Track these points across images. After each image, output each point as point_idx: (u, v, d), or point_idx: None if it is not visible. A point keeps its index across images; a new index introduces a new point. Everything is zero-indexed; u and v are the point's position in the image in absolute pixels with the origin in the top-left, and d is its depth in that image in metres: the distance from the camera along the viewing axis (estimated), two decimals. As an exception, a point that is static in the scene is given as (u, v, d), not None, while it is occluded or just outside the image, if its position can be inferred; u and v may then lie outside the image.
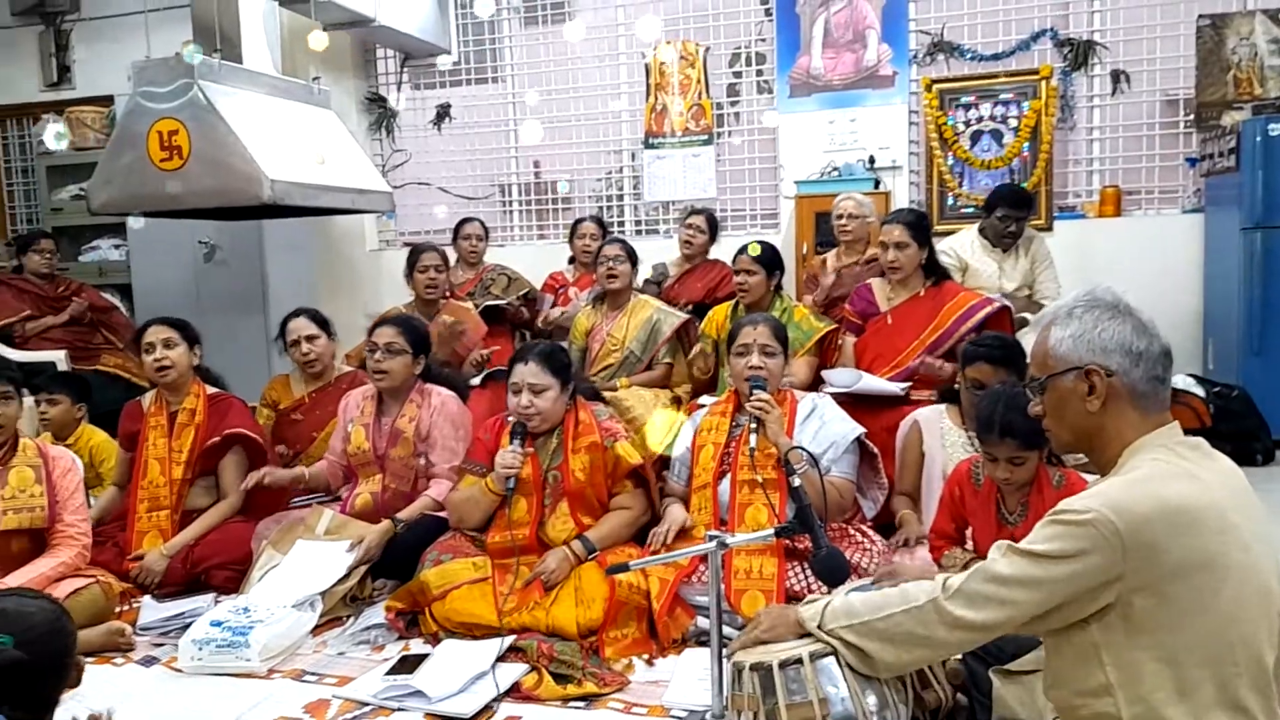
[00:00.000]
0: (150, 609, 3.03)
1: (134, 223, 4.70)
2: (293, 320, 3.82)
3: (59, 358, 4.63)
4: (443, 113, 6.12)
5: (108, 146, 4.30)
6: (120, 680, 2.60)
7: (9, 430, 2.89)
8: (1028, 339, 3.76)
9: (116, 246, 5.81)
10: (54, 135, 5.56)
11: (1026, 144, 5.09)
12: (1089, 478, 2.46)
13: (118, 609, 2.99)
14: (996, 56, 5.16)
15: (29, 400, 3.63)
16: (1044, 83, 5.03)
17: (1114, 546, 1.37)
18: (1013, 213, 4.26)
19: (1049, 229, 5.04)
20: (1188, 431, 1.53)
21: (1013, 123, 5.11)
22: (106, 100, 6.00)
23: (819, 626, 1.70)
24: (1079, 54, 5.05)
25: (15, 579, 2.70)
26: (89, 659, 2.55)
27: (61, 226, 5.85)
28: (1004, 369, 2.82)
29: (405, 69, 6.16)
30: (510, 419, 2.97)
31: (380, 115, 6.16)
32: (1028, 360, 1.75)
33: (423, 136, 6.22)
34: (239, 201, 3.92)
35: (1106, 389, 1.50)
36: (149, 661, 2.73)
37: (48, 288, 5.00)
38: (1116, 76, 5.06)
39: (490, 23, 5.97)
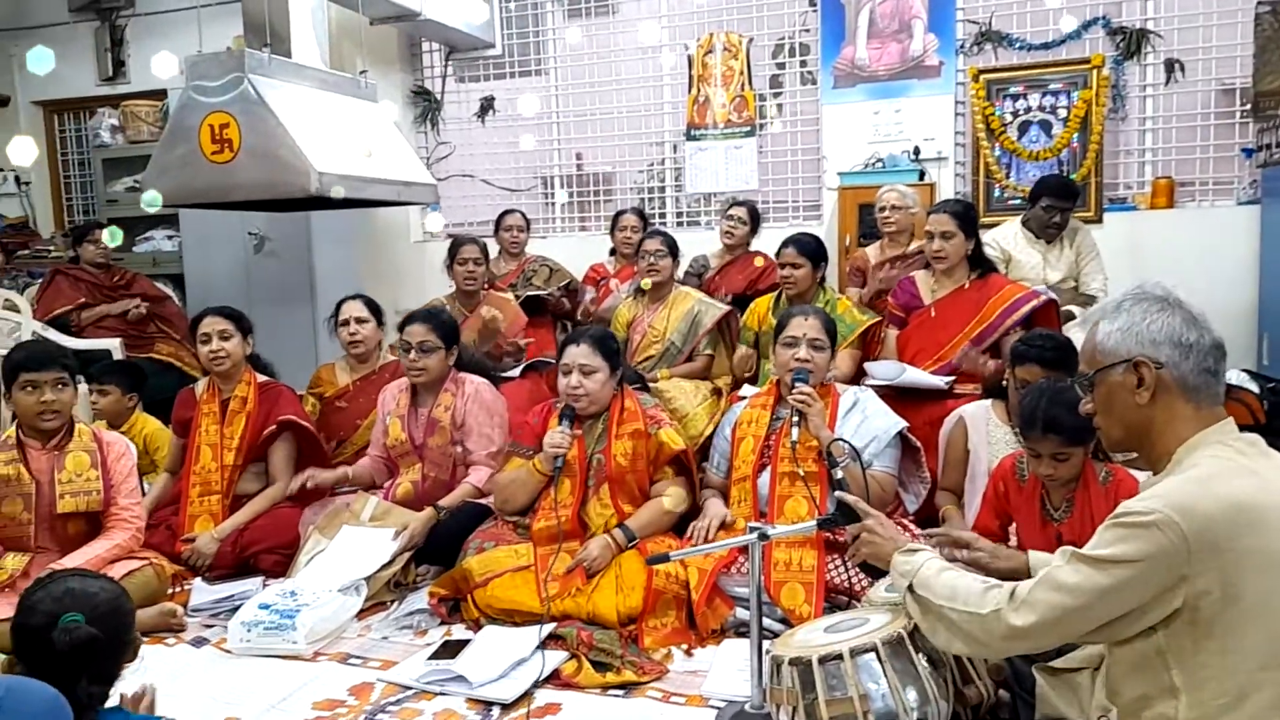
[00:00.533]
0: (201, 591, 3.10)
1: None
2: (347, 302, 3.92)
3: (114, 346, 4.74)
4: (486, 105, 6.16)
5: (161, 139, 4.39)
6: (172, 660, 2.67)
7: (65, 416, 2.98)
8: (1074, 332, 3.73)
9: (170, 237, 5.94)
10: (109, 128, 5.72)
11: (1076, 134, 4.99)
12: (1138, 474, 2.43)
13: (170, 590, 3.08)
14: (1046, 45, 5.07)
15: (83, 388, 3.73)
16: (1095, 72, 4.93)
17: (1179, 548, 1.34)
18: (1058, 203, 4.19)
19: (1099, 221, 4.95)
20: (1242, 428, 1.50)
21: (1062, 113, 5.02)
22: (160, 94, 6.12)
23: (910, 587, 1.69)
24: (1132, 42, 4.93)
25: (72, 560, 2.79)
26: (143, 638, 2.63)
27: (117, 217, 5.99)
28: (1055, 370, 2.76)
29: (450, 62, 6.20)
30: (559, 403, 3.00)
31: (425, 108, 6.21)
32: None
33: (467, 129, 6.27)
34: (287, 193, 3.98)
35: (1156, 381, 1.48)
36: (199, 642, 2.81)
37: (103, 277, 5.12)
38: (1170, 65, 4.94)
39: (534, 15, 5.99)
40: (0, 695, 1.27)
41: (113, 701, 1.75)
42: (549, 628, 2.59)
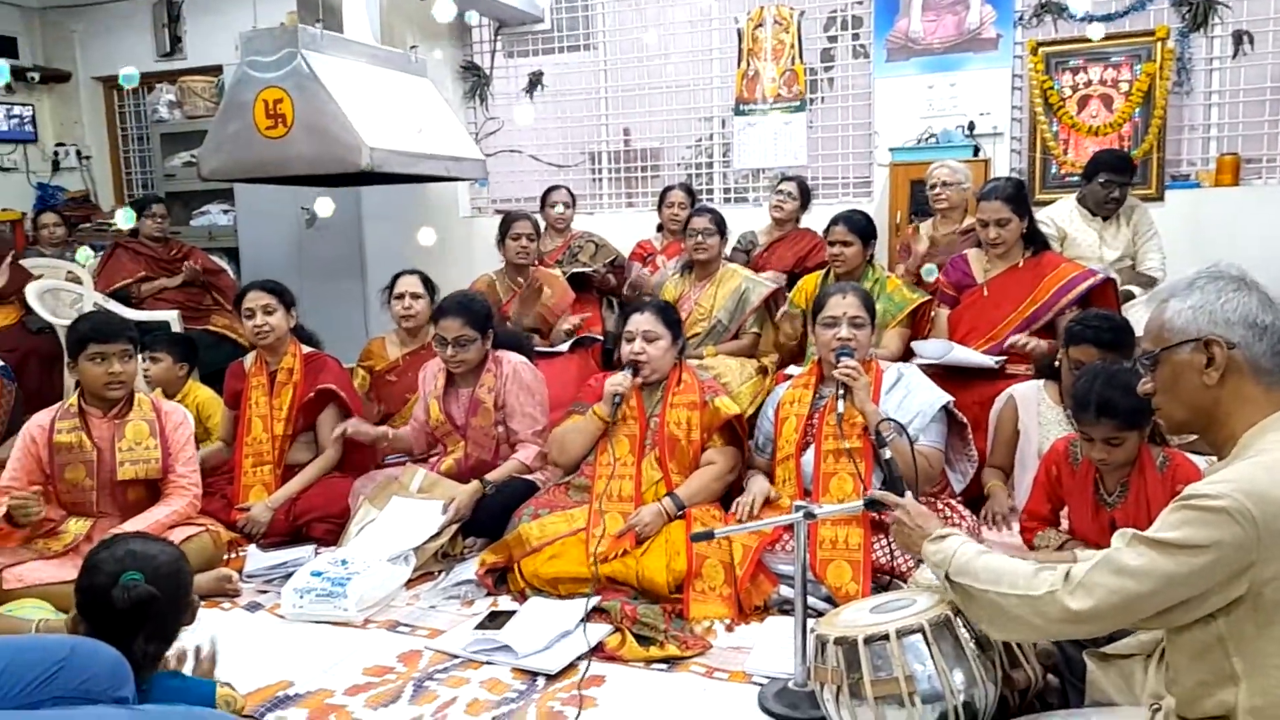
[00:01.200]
0: (255, 558, 3.18)
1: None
2: (404, 276, 3.97)
3: (172, 318, 4.85)
4: (535, 80, 6.15)
5: (216, 115, 4.45)
6: (227, 624, 2.74)
7: (129, 387, 3.06)
8: (1132, 313, 3.65)
9: (225, 211, 6.04)
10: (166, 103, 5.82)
11: (1138, 109, 4.84)
12: (1196, 459, 2.37)
13: (225, 556, 3.16)
14: (1108, 17, 4.91)
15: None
16: (1159, 44, 4.77)
17: (1249, 535, 1.31)
18: (1115, 178, 4.08)
19: (1160, 199, 4.81)
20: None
21: (1124, 87, 4.87)
22: (215, 70, 6.22)
23: (948, 576, 1.65)
24: (1198, 13, 4.76)
25: (132, 525, 2.87)
26: (200, 601, 2.70)
27: (174, 192, 6.11)
28: (1111, 352, 2.70)
29: (499, 37, 6.20)
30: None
31: (474, 83, 6.23)
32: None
33: (515, 104, 6.27)
34: (339, 168, 4.02)
35: (1226, 362, 1.44)
36: (253, 607, 2.88)
37: (161, 250, 5.23)
38: (1239, 37, 4.76)
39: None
40: (66, 653, 1.32)
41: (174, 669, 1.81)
42: (593, 601, 2.62)
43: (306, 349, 3.66)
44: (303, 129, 3.96)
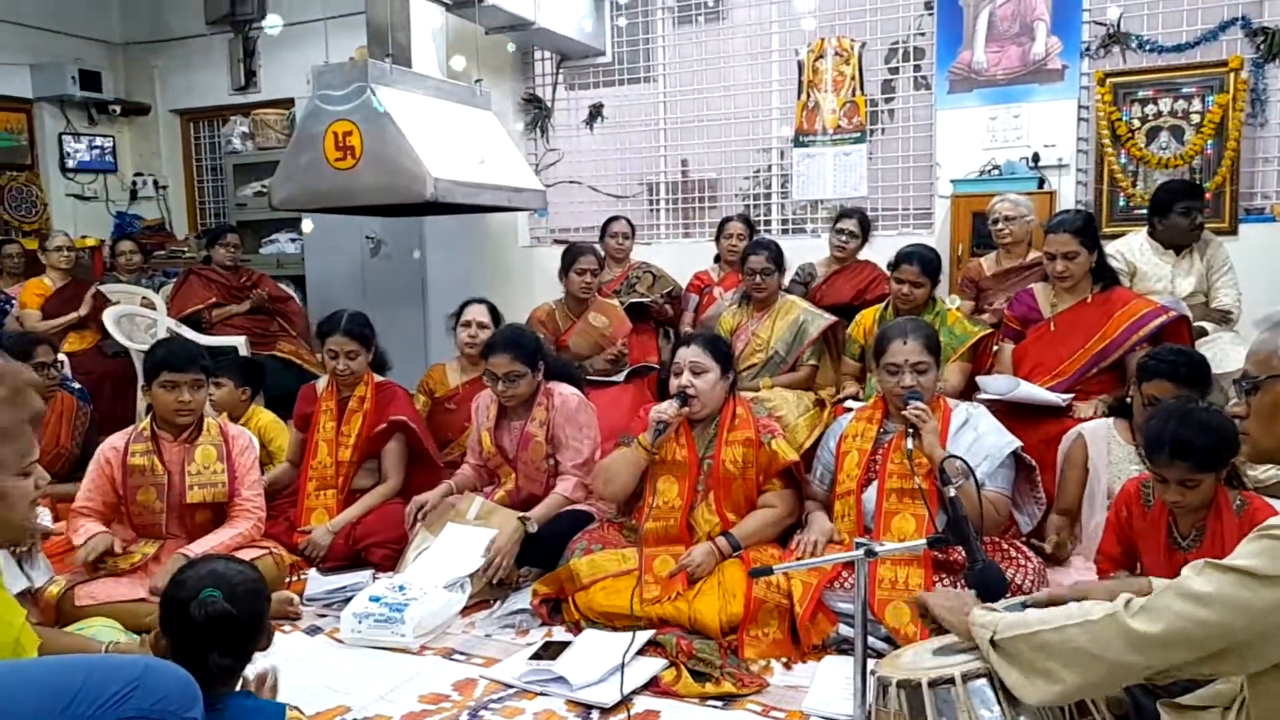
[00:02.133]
0: (315, 581, 3.23)
1: (305, 224, 5.01)
2: (472, 305, 4.02)
3: (240, 343, 4.99)
4: (595, 112, 6.23)
5: (288, 146, 4.58)
6: (287, 646, 2.77)
7: (198, 414, 3.14)
8: (1206, 349, 3.54)
9: (293, 240, 6.20)
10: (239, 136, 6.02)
11: (1210, 141, 4.73)
12: (1275, 503, 2.29)
13: (287, 580, 3.21)
14: (1179, 48, 4.82)
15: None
16: (1232, 75, 4.66)
17: None
18: (1194, 203, 3.99)
19: (1233, 232, 4.67)
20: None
21: (1195, 118, 4.76)
22: (288, 103, 6.42)
23: (992, 639, 1.57)
24: (1273, 44, 4.64)
25: (198, 546, 2.94)
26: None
27: (245, 221, 6.30)
28: (1187, 388, 2.62)
29: (561, 70, 6.30)
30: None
31: (536, 115, 6.33)
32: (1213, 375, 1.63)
33: (575, 136, 6.36)
34: (405, 199, 4.10)
35: None
36: (313, 631, 2.92)
37: (231, 278, 5.39)
38: (1316, 68, 4.64)
39: (644, 23, 6.03)
40: (140, 673, 1.34)
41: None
42: (647, 635, 2.60)
43: (378, 378, 3.72)
44: (370, 160, 4.05)
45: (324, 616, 3.03)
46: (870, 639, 2.24)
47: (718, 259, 5.13)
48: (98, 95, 6.72)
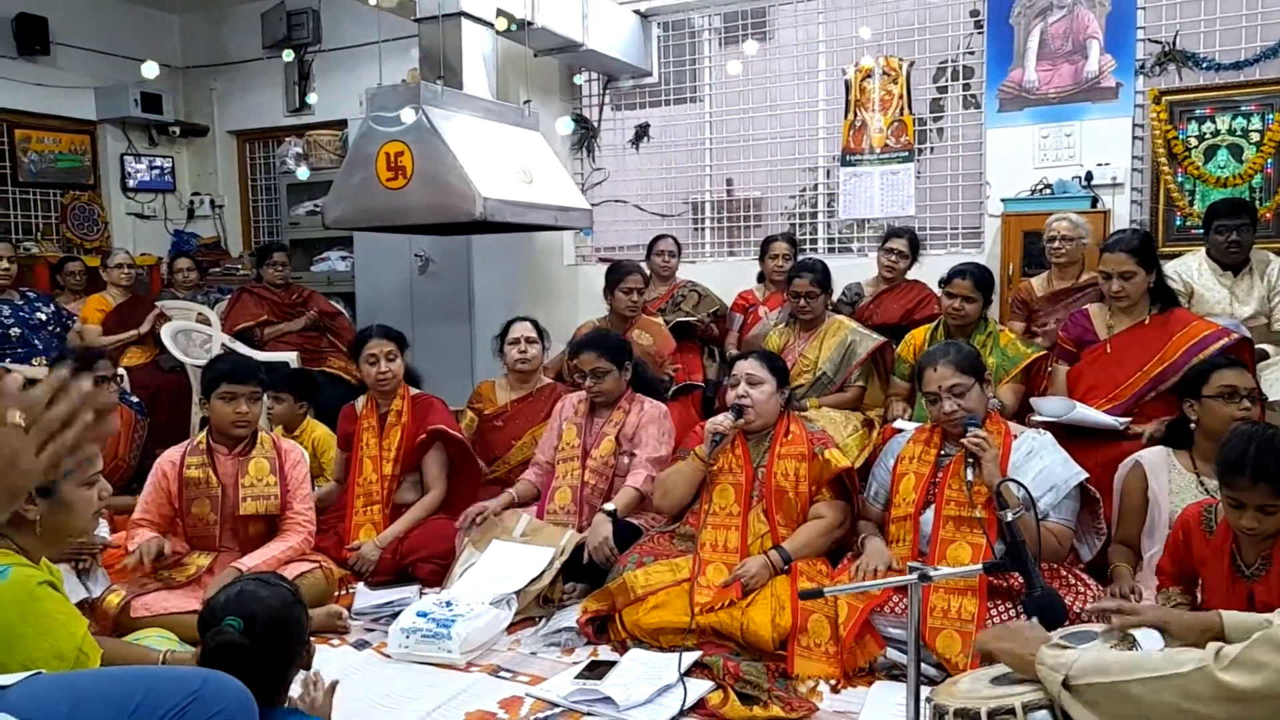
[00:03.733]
0: (363, 596, 3.26)
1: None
2: (517, 323, 4.06)
3: (291, 358, 5.07)
4: (641, 132, 6.26)
5: (341, 167, 4.67)
6: (336, 660, 2.80)
7: (254, 426, 3.20)
8: (1270, 373, 3.44)
9: (343, 258, 6.31)
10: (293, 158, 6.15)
11: (1270, 159, 4.62)
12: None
13: (336, 593, 3.25)
14: (1237, 65, 4.72)
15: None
16: (1294, 92, 4.56)
17: None
18: (1230, 221, 3.90)
19: (1296, 252, 4.56)
20: None
21: (1254, 136, 4.66)
22: (341, 124, 6.55)
23: (1065, 681, 1.51)
24: (1337, 60, 4.54)
25: (249, 560, 2.98)
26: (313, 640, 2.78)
27: (297, 239, 6.42)
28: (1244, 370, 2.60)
29: (608, 90, 6.35)
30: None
31: (582, 135, 6.38)
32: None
33: (621, 155, 6.40)
34: (454, 218, 4.15)
35: None
36: (361, 645, 2.94)
37: (283, 295, 5.49)
38: (1382, 83, 4.52)
39: (690, 44, 6.06)
40: (199, 686, 1.37)
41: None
42: (694, 655, 2.58)
43: (414, 391, 3.77)
44: (421, 180, 4.11)
45: (372, 631, 3.05)
46: (924, 666, 2.20)
47: (762, 278, 5.12)
48: (158, 117, 6.91)
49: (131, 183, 7.03)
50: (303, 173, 5.82)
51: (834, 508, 2.99)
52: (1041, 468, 2.74)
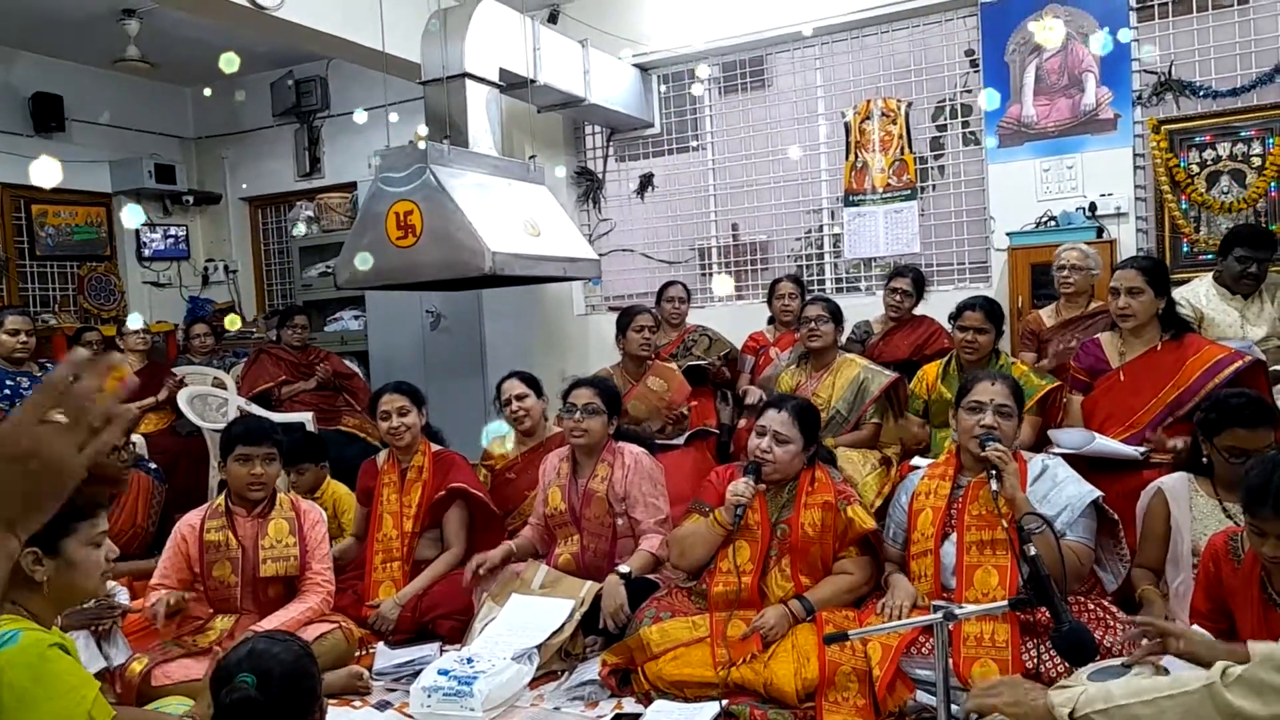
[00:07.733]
0: (384, 655, 3.23)
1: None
2: (505, 381, 4.07)
3: (307, 419, 5.09)
4: (646, 182, 6.34)
5: (352, 228, 4.74)
6: (359, 721, 2.78)
7: (270, 488, 3.21)
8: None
9: (356, 317, 6.37)
10: (304, 221, 6.25)
11: (1274, 183, 4.64)
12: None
13: (356, 654, 3.22)
14: (1234, 92, 4.76)
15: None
16: (1293, 116, 4.59)
17: None
18: (1251, 253, 3.89)
19: (1303, 274, 4.54)
20: None
21: (1256, 161, 4.68)
22: (349, 187, 6.66)
23: (1071, 714, 1.50)
24: (1333, 82, 4.57)
25: (270, 622, 2.97)
26: (331, 700, 2.75)
27: (310, 300, 6.49)
28: (1259, 429, 2.54)
29: (611, 142, 6.44)
30: (743, 464, 3.01)
31: (588, 187, 6.46)
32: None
33: (626, 205, 6.47)
34: (464, 273, 4.19)
35: None
36: (383, 706, 2.91)
37: (299, 356, 5.54)
38: (1382, 104, 4.54)
39: (690, 94, 6.15)
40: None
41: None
42: (719, 705, 2.54)
43: (435, 447, 3.78)
44: (431, 238, 4.16)
45: (393, 691, 3.02)
46: (955, 708, 2.16)
47: (771, 320, 5.13)
48: (172, 187, 7.04)
49: (147, 252, 7.15)
50: (299, 230, 5.90)
51: (860, 565, 2.93)
52: (1053, 486, 2.73)
